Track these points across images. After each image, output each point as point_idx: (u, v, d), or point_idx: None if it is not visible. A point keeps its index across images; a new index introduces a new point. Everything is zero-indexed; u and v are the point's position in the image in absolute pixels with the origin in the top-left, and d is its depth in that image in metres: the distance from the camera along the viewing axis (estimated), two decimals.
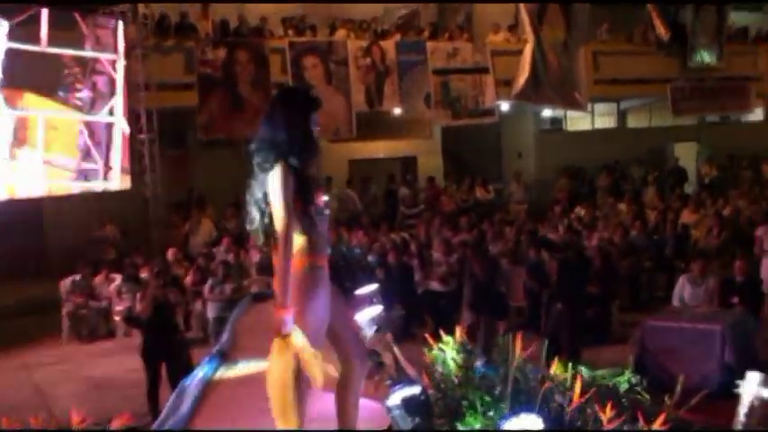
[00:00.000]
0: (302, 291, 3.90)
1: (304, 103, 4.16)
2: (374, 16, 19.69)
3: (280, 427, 3.95)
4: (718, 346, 8.49)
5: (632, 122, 24.71)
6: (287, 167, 3.94)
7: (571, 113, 22.28)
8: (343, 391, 4.20)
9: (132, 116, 15.13)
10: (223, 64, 16.07)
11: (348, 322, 4.32)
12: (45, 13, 13.26)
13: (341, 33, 18.16)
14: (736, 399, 4.64)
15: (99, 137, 14.25)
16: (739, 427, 4.41)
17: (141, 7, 15.49)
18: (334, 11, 19.39)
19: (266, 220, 4.06)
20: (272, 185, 3.95)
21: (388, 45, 17.86)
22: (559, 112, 22.45)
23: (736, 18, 23.74)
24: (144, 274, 11.71)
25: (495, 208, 18.33)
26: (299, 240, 3.97)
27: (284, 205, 3.88)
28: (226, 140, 17.01)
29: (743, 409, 4.50)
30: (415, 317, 11.56)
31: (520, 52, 17.98)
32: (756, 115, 25.62)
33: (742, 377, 4.64)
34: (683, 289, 9.96)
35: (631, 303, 12.51)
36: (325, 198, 4.19)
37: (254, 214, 4.13)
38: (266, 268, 12.80)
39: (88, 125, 14.14)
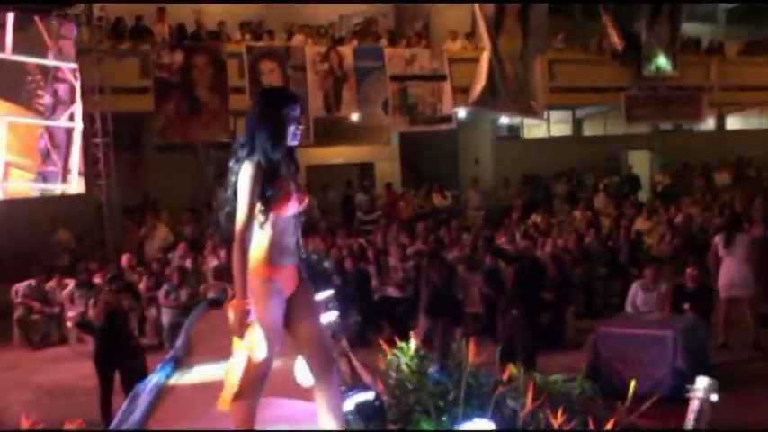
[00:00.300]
0: (253, 297, 3.86)
1: (276, 100, 4.10)
2: (331, 22, 19.69)
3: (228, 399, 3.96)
4: (669, 351, 8.61)
5: (587, 130, 25.00)
6: (256, 165, 3.88)
7: (528, 121, 22.48)
8: (318, 399, 4.11)
9: (87, 120, 15.02)
10: (180, 68, 15.96)
11: (314, 331, 4.16)
12: (10, 20, 13.59)
13: (298, 39, 18.13)
14: (687, 403, 4.72)
15: (58, 141, 14.56)
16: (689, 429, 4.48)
17: (96, 10, 15.32)
18: (291, 16, 19.36)
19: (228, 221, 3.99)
20: (239, 183, 3.89)
21: (346, 51, 17.85)
22: (516, 120, 22.63)
23: (689, 29, 24.13)
24: (97, 280, 11.57)
25: (453, 214, 18.42)
26: (259, 243, 3.93)
27: (247, 203, 3.83)
28: (182, 145, 16.91)
29: (693, 413, 4.57)
30: (371, 323, 11.57)
31: (477, 60, 18.09)
32: (708, 125, 26.07)
33: (693, 382, 4.71)
34: (636, 295, 10.08)
35: (586, 309, 12.65)
36: (300, 202, 4.08)
37: (222, 214, 4.04)
38: (223, 274, 12.78)
39: (48, 129, 14.47)
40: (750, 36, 26.67)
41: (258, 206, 3.88)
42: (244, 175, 3.87)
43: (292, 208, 4.02)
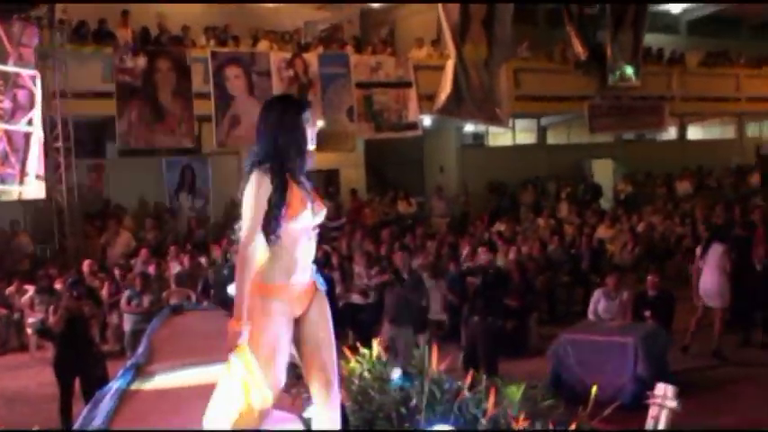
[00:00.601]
0: (252, 316, 3.69)
1: (294, 105, 3.93)
2: (297, 28, 19.67)
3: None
4: (630, 358, 8.69)
5: (552, 139, 25.18)
6: (261, 175, 3.68)
7: (493, 129, 22.60)
8: (315, 420, 3.98)
9: (48, 124, 14.88)
10: (143, 72, 15.82)
11: (322, 353, 3.95)
12: None
13: (263, 44, 18.08)
14: (647, 410, 4.76)
15: (17, 144, 14.50)
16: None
17: (58, 13, 15.15)
18: (256, 22, 19.31)
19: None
20: (245, 195, 3.69)
21: (311, 57, 17.83)
22: (481, 128, 22.73)
23: (651, 39, 24.44)
24: (58, 286, 11.44)
25: (417, 221, 18.45)
26: (266, 258, 3.73)
27: (251, 216, 3.65)
28: (145, 150, 16.76)
29: (653, 419, 4.62)
30: (335, 329, 11.49)
31: (442, 67, 18.16)
32: (670, 134, 26.39)
33: (653, 389, 4.76)
34: (598, 302, 10.15)
35: (549, 316, 12.75)
36: (315, 214, 3.83)
37: (237, 227, 3.83)
38: (185, 280, 12.69)
39: (7, 133, 14.42)
40: (710, 47, 27.09)
41: (273, 218, 3.67)
42: (249, 187, 3.67)
43: (304, 219, 3.78)
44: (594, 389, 4.55)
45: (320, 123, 18.16)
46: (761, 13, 27.88)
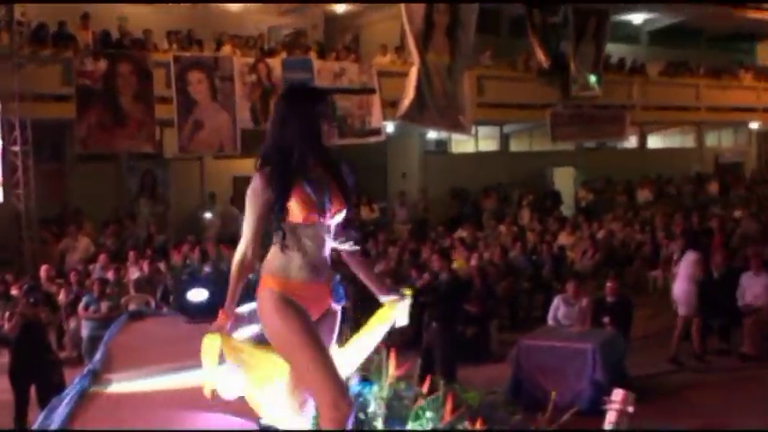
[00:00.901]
0: (264, 314, 3.56)
1: (307, 96, 3.67)
2: (260, 33, 19.59)
3: None
4: (589, 364, 8.77)
5: (514, 146, 25.29)
6: (264, 175, 3.49)
7: (456, 135, 22.65)
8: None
9: (6, 127, 14.65)
10: (103, 76, 15.60)
11: None
12: None
13: (227, 49, 17.97)
14: (604, 415, 4.81)
15: None
16: None
17: (17, 14, 14.94)
18: (220, 26, 19.20)
19: None
20: (246, 198, 3.55)
21: (275, 62, 17.75)
22: (444, 135, 22.78)
23: (613, 49, 24.71)
24: (14, 291, 11.27)
25: (380, 227, 18.45)
26: (274, 256, 3.58)
27: (249, 217, 3.52)
28: (105, 154, 16.59)
29: (609, 425, 4.66)
30: None
31: (406, 74, 18.19)
32: (631, 142, 26.67)
33: (611, 394, 4.80)
34: (558, 309, 10.23)
35: (510, 322, 12.79)
36: (322, 213, 3.58)
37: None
38: (144, 286, 12.56)
39: None
40: (671, 57, 27.46)
41: (279, 216, 3.51)
42: (249, 192, 3.52)
43: (309, 217, 3.54)
44: (553, 395, 4.58)
45: None
46: (720, 24, 28.34)
